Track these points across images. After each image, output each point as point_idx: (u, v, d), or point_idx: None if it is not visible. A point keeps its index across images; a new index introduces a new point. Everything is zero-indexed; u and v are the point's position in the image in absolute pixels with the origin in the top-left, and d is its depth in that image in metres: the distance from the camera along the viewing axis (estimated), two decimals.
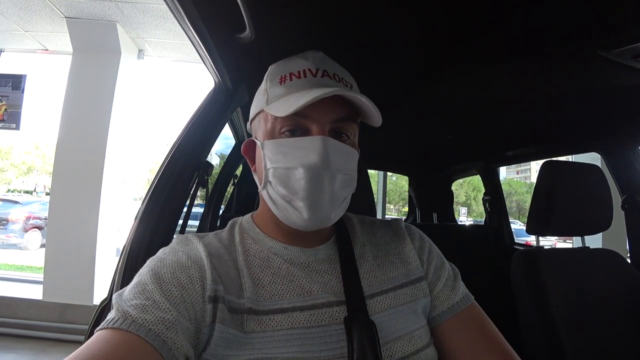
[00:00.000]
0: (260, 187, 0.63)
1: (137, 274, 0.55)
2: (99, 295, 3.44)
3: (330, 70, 0.62)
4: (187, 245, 0.60)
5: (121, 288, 0.53)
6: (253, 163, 0.68)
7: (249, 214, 0.72)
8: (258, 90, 0.67)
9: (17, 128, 3.89)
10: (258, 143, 0.63)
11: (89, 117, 3.58)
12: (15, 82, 3.88)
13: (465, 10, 0.70)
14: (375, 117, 0.60)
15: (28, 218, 9.78)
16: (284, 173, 0.58)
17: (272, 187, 0.60)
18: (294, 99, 0.56)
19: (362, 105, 0.59)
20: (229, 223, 0.70)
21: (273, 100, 0.61)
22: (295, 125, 0.58)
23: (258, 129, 0.65)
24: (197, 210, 1.37)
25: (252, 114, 0.67)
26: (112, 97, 3.61)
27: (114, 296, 0.51)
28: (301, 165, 0.56)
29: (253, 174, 0.68)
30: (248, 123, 0.70)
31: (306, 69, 0.61)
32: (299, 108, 0.53)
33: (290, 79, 0.61)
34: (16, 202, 10.36)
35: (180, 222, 0.94)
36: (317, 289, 0.59)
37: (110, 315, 0.47)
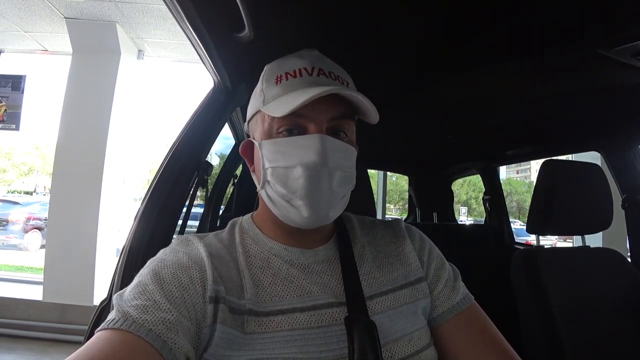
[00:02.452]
0: (259, 187, 0.63)
1: (138, 275, 0.54)
2: (99, 295, 3.43)
3: (326, 69, 0.62)
4: (187, 246, 0.60)
5: (121, 288, 0.53)
6: (252, 163, 0.68)
7: (249, 214, 0.71)
8: (254, 91, 0.67)
9: (17, 129, 3.89)
10: (256, 143, 0.63)
11: (88, 117, 3.58)
12: (15, 83, 3.87)
13: (464, 10, 0.70)
14: (372, 114, 0.60)
15: (28, 219, 9.78)
16: (283, 172, 0.58)
17: (270, 186, 0.60)
18: (291, 99, 0.56)
19: (358, 103, 0.59)
20: (229, 223, 0.70)
21: (269, 100, 0.61)
22: (293, 125, 0.58)
23: (255, 129, 0.64)
24: (197, 210, 1.37)
25: (249, 114, 0.67)
26: (111, 98, 3.61)
27: (114, 297, 0.51)
28: (300, 163, 0.56)
29: (252, 174, 0.68)
30: (245, 124, 0.70)
31: (302, 68, 0.61)
32: (296, 108, 0.53)
33: (286, 79, 0.61)
34: (16, 203, 10.36)
35: (180, 222, 0.94)
36: (317, 290, 0.59)
37: (111, 315, 0.47)
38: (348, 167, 0.60)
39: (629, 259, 1.33)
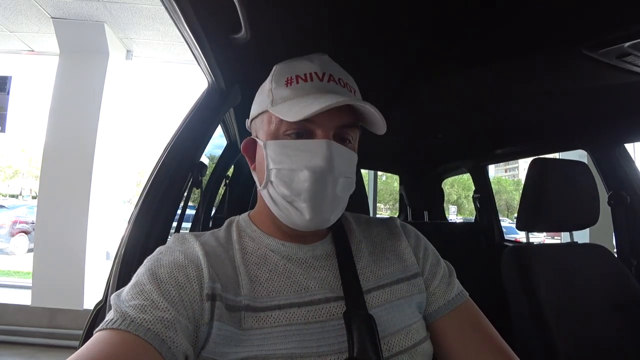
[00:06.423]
0: (260, 187, 0.64)
1: (135, 274, 0.55)
2: (89, 299, 3.38)
3: (335, 75, 0.62)
4: (183, 245, 0.61)
5: (117, 290, 0.53)
6: (253, 162, 0.68)
7: (246, 213, 0.72)
8: (261, 89, 0.66)
9: (3, 131, 3.81)
10: (260, 142, 0.63)
11: (76, 119, 3.53)
12: (0, 84, 3.80)
13: (453, 12, 0.72)
14: (380, 126, 0.61)
15: (14, 222, 9.58)
16: (288, 174, 0.58)
17: (273, 187, 0.60)
18: (303, 104, 0.56)
19: (368, 114, 0.59)
20: (226, 222, 0.70)
21: (279, 102, 0.61)
22: (301, 129, 0.59)
23: (260, 128, 0.64)
24: (189, 212, 1.36)
25: (254, 112, 0.67)
26: (100, 99, 3.56)
27: (112, 297, 0.51)
28: (306, 167, 0.57)
29: (252, 172, 0.68)
30: (248, 121, 0.70)
31: (312, 72, 0.61)
32: (309, 115, 0.53)
33: (297, 82, 0.61)
34: (2, 207, 10.18)
35: (175, 223, 0.94)
36: (314, 285, 0.60)
37: (109, 315, 0.48)
38: (350, 173, 0.61)
39: (615, 254, 1.36)
